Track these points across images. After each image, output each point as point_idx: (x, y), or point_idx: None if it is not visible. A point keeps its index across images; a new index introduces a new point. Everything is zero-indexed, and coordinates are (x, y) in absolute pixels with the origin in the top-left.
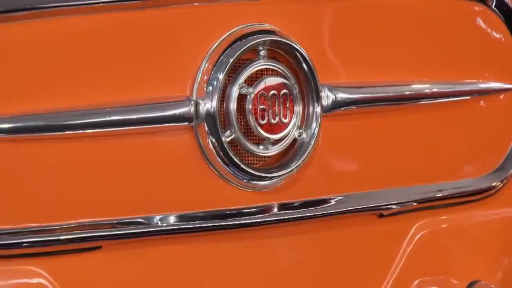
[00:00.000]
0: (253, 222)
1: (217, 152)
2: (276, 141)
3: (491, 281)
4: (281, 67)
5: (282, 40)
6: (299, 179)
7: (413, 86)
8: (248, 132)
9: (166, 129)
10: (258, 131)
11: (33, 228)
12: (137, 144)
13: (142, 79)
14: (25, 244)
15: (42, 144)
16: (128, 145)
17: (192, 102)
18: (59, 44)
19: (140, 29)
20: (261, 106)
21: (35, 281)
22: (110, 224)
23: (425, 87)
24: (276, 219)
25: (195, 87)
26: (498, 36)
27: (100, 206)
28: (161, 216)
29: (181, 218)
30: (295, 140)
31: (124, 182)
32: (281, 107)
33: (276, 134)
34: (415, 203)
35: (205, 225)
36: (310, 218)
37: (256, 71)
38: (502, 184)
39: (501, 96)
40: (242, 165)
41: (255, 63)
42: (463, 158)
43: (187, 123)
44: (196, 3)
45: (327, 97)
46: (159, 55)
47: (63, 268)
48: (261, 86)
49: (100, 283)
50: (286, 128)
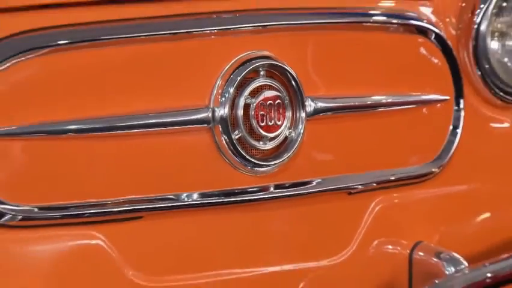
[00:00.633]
0: (255, 198)
1: (229, 147)
2: (271, 138)
3: (430, 242)
4: (276, 83)
5: (276, 63)
6: (289, 167)
7: (373, 97)
8: (251, 131)
9: (190, 129)
10: (259, 130)
11: (93, 203)
12: (170, 140)
13: (173, 93)
14: (87, 214)
15: (101, 141)
16: (163, 141)
17: (210, 110)
18: (114, 66)
19: (172, 55)
20: (261, 112)
21: (94, 242)
22: (148, 200)
23: (382, 98)
24: (272, 196)
25: (212, 98)
26: (436, 61)
27: (141, 186)
28: (187, 194)
29: (201, 195)
30: (286, 137)
31: (159, 169)
32: (276, 113)
33: (272, 133)
34: (375, 184)
35: (220, 200)
36: (298, 195)
37: (257, 86)
38: (439, 170)
39: (438, 105)
40: (247, 156)
41: (256, 80)
42: (410, 150)
43: (206, 125)
44: (212, 36)
45: (310, 106)
46: (186, 75)
47: (114, 232)
48: (261, 97)
49: (140, 243)
50: (279, 128)
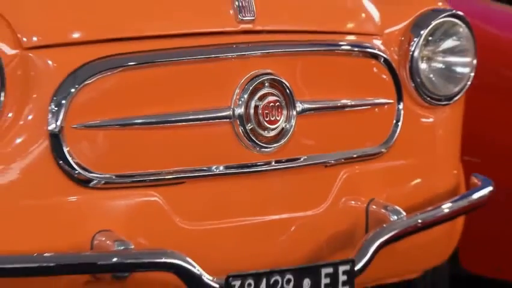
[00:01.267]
0: (262, 169)
1: (243, 135)
2: (273, 129)
3: (380, 199)
4: (276, 91)
5: (276, 78)
6: (284, 148)
7: (342, 100)
8: (259, 124)
9: (218, 123)
10: (264, 124)
11: (151, 172)
12: (203, 130)
13: (206, 97)
14: (148, 180)
15: (157, 130)
16: (199, 131)
17: (231, 109)
18: (166, 80)
19: (205, 72)
20: (266, 111)
21: (152, 198)
22: (189, 170)
23: (348, 101)
24: (273, 168)
25: (232, 101)
26: (384, 76)
27: (184, 161)
28: (215, 166)
29: (225, 167)
30: (283, 128)
31: (196, 149)
32: (275, 112)
33: (273, 125)
34: (343, 160)
35: (237, 171)
36: (290, 167)
37: (263, 93)
38: (386, 150)
39: (385, 106)
40: (256, 141)
41: (262, 89)
42: (367, 137)
43: (228, 120)
44: (233, 60)
45: (299, 106)
46: (214, 85)
47: (166, 192)
48: (266, 101)
49: (183, 199)
50: (278, 122)
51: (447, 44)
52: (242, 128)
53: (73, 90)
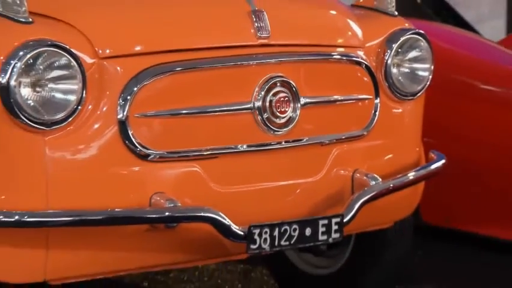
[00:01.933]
0: (275, 147)
1: (261, 121)
2: (283, 117)
3: (363, 169)
4: (285, 89)
5: (286, 79)
6: (292, 131)
7: (334, 96)
8: (273, 114)
9: (242, 113)
10: (277, 113)
11: (193, 149)
12: (231, 118)
13: (234, 94)
14: (190, 155)
15: (198, 118)
16: (228, 118)
17: (252, 103)
18: (204, 80)
19: (233, 75)
20: (278, 104)
21: (194, 169)
22: (221, 148)
23: (338, 97)
24: (283, 146)
25: (253, 97)
26: (365, 78)
27: (217, 141)
28: (240, 145)
29: (248, 146)
30: (290, 117)
31: (226, 133)
32: (285, 104)
33: (283, 114)
34: (334, 140)
35: (257, 148)
36: (296, 146)
37: (276, 91)
38: (367, 133)
39: (366, 101)
40: (271, 126)
41: (275, 88)
42: (353, 123)
43: (250, 110)
44: (253, 66)
45: (302, 100)
46: (240, 85)
47: (204, 164)
48: (278, 96)
49: (217, 169)
50: (287, 112)
51: (412, 54)
52: (260, 117)
53: (135, 89)
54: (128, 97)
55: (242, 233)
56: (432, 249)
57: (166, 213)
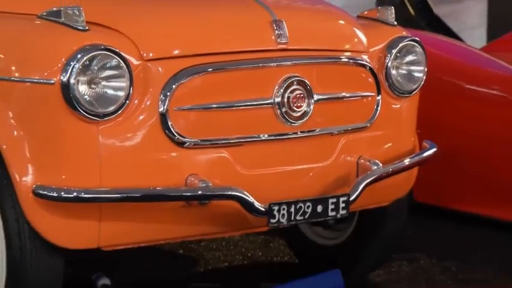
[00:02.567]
0: (292, 137)
1: (280, 115)
2: (299, 111)
3: (365, 155)
4: (301, 87)
5: (301, 79)
6: (306, 123)
7: (342, 93)
8: (290, 108)
9: (264, 107)
10: (293, 108)
11: (222, 138)
12: (255, 112)
13: (257, 90)
14: (220, 143)
15: (228, 111)
16: (252, 112)
17: (273, 98)
18: (232, 80)
19: (257, 75)
20: (294, 100)
21: (223, 155)
22: (245, 137)
23: (346, 94)
24: (299, 136)
25: (273, 93)
26: (369, 79)
27: (243, 130)
28: (262, 134)
29: (269, 135)
30: (305, 111)
31: (250, 124)
32: (300, 100)
33: (299, 108)
34: (342, 131)
35: (276, 138)
36: (310, 136)
37: (293, 89)
38: (370, 124)
39: (369, 98)
40: (288, 119)
41: (293, 86)
42: (358, 117)
43: (271, 105)
44: (273, 67)
45: (315, 97)
46: (262, 83)
47: (232, 151)
48: (294, 93)
49: (243, 153)
50: (302, 107)
51: (409, 58)
52: (279, 111)
53: (173, 87)
54: (168, 93)
55: (263, 209)
56: (424, 223)
57: (199, 192)
